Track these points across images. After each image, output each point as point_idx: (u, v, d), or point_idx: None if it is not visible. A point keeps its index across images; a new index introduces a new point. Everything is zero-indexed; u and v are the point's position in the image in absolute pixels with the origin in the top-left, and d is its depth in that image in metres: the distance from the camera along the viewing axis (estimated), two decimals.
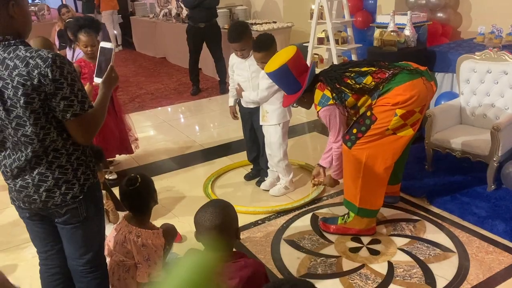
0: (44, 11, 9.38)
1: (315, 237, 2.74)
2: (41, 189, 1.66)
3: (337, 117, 2.57)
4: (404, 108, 2.40)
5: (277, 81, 2.69)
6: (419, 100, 2.42)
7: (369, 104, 2.51)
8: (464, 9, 5.04)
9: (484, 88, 3.30)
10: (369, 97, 2.50)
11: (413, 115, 2.44)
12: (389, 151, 2.51)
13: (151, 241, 2.07)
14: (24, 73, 1.48)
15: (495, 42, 3.89)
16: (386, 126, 2.44)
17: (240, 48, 3.01)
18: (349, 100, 2.52)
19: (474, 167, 3.27)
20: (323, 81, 2.58)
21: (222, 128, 4.76)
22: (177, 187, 3.49)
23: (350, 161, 2.58)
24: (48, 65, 1.49)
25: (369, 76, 2.49)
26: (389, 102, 2.42)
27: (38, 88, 1.49)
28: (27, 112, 1.52)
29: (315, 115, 4.43)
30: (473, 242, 2.61)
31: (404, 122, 2.44)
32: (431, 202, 3.02)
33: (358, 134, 2.52)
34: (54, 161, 1.64)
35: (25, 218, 1.81)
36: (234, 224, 1.64)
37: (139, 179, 2.09)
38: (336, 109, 2.54)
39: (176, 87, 6.59)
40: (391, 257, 2.53)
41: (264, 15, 7.30)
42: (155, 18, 8.66)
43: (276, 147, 3.13)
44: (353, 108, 2.56)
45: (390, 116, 2.42)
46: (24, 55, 1.51)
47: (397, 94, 2.42)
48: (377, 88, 2.46)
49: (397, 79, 2.45)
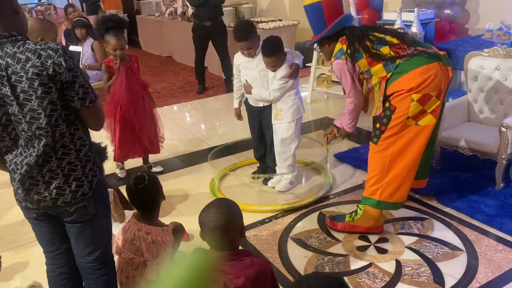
0: (50, 10, 9.43)
1: (322, 236, 2.74)
2: (52, 186, 1.67)
3: (346, 73, 2.56)
4: (420, 92, 2.42)
5: (308, 15, 2.68)
6: (434, 83, 2.43)
7: (384, 76, 2.50)
8: (472, 5, 5.01)
9: (493, 85, 3.27)
10: (383, 68, 2.50)
11: (430, 100, 2.44)
12: (414, 144, 2.51)
13: (161, 238, 2.08)
14: (38, 64, 1.52)
15: (504, 38, 3.85)
16: (406, 113, 2.45)
17: (247, 47, 3.00)
18: (362, 62, 2.53)
19: (482, 165, 3.25)
20: (346, 35, 2.58)
21: (228, 126, 4.76)
22: (184, 185, 3.49)
23: (377, 157, 2.58)
24: (60, 55, 1.54)
25: (388, 46, 2.51)
26: (404, 88, 2.44)
27: (54, 77, 1.53)
28: (45, 103, 1.54)
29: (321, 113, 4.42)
30: (481, 240, 2.59)
31: (423, 108, 2.44)
32: (439, 200, 3.00)
33: (381, 128, 2.54)
34: (63, 157, 1.66)
35: (31, 219, 1.81)
36: (239, 223, 1.63)
37: (146, 177, 2.10)
38: (345, 65, 2.54)
39: (182, 85, 6.60)
40: (399, 255, 2.52)
41: (270, 13, 7.29)
42: (161, 16, 8.67)
43: (289, 142, 3.12)
44: (366, 73, 2.56)
45: (407, 102, 2.44)
46: (34, 47, 1.54)
47: (413, 78, 2.43)
48: (393, 61, 2.47)
49: (415, 61, 2.47)
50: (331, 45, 2.65)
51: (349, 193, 3.19)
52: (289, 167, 3.22)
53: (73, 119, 1.66)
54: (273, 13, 7.22)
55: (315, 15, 2.61)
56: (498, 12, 4.49)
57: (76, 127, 1.68)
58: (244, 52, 3.06)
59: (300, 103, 3.11)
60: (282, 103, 3.05)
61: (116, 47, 3.18)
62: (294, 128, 3.10)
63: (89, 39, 5.03)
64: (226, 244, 1.58)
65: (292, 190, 3.29)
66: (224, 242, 1.57)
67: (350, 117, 2.73)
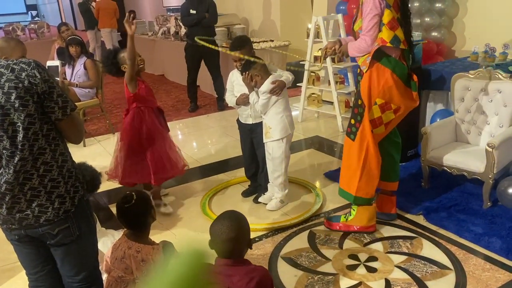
0: (43, 28, 9.49)
1: (313, 255, 2.74)
2: (34, 204, 1.65)
3: (375, 11, 2.55)
4: (383, 98, 2.62)
5: None
6: (398, 97, 2.63)
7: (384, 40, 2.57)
8: (458, 29, 5.14)
9: (479, 106, 3.35)
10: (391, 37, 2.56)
11: (388, 110, 2.66)
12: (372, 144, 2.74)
13: (151, 256, 2.07)
14: (12, 77, 1.52)
15: (489, 61, 3.95)
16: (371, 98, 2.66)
17: (239, 58, 3.07)
18: (387, 12, 2.56)
19: (470, 184, 3.30)
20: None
21: (220, 144, 4.78)
22: (175, 203, 3.49)
23: (352, 153, 2.77)
24: (33, 67, 1.55)
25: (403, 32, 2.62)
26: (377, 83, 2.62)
27: (30, 89, 1.53)
28: (22, 116, 1.53)
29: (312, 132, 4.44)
30: (470, 259, 2.61)
31: (381, 115, 2.67)
32: (427, 219, 3.03)
33: (356, 124, 2.74)
34: (45, 174, 1.64)
35: (13, 241, 1.78)
36: (247, 235, 1.79)
37: (134, 196, 2.10)
38: (382, 4, 2.54)
39: (174, 104, 6.63)
40: (388, 274, 2.53)
41: (261, 34, 7.40)
42: (154, 36, 8.76)
43: (279, 161, 3.15)
44: (381, 24, 2.59)
45: (371, 103, 2.66)
46: (6, 63, 1.55)
47: (387, 76, 2.60)
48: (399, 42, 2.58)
49: (401, 66, 2.63)
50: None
51: (339, 211, 3.22)
52: (280, 185, 3.24)
53: (54, 134, 1.64)
54: (265, 33, 7.33)
55: None
56: (483, 35, 4.62)
57: (57, 142, 1.66)
58: (236, 64, 3.14)
59: (290, 121, 3.13)
60: (271, 120, 3.09)
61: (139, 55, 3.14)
62: (284, 147, 3.13)
63: (82, 57, 5.06)
64: (234, 254, 1.73)
65: (282, 209, 3.30)
66: (232, 253, 1.72)
67: (357, 49, 2.68)
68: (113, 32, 9.71)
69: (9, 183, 1.60)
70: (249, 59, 2.97)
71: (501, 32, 4.54)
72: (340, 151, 4.32)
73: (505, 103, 3.21)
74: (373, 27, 2.59)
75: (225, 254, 1.71)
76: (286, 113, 3.11)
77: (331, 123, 5.25)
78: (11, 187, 1.61)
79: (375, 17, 2.57)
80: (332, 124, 5.22)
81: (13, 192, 1.62)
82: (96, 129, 5.52)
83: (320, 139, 4.81)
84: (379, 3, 2.55)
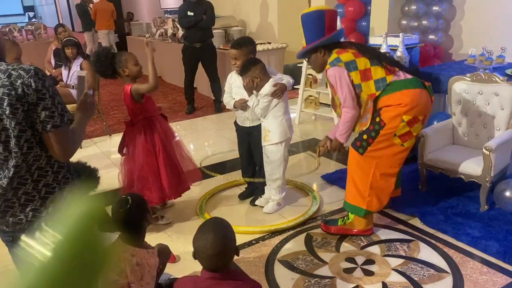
0: (40, 30, 9.46)
1: (309, 258, 2.73)
2: (28, 208, 1.63)
3: (342, 80, 2.62)
4: (410, 114, 2.57)
5: (306, 23, 2.74)
6: (423, 107, 2.62)
7: (372, 94, 2.61)
8: (455, 32, 5.15)
9: (476, 109, 3.35)
10: (374, 86, 2.61)
11: (417, 123, 2.62)
12: (396, 160, 2.70)
13: (146, 261, 2.05)
14: (7, 83, 1.49)
15: (486, 64, 3.96)
16: (394, 131, 2.60)
17: (235, 56, 3.07)
18: (355, 74, 2.60)
19: (467, 187, 3.29)
20: (344, 47, 2.69)
21: (217, 147, 4.76)
22: (171, 206, 3.47)
23: (361, 168, 2.72)
24: (31, 76, 1.50)
25: (381, 67, 2.63)
26: (393, 104, 2.58)
27: (22, 98, 1.49)
28: (13, 123, 1.51)
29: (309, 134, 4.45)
30: (467, 262, 2.61)
31: (410, 129, 2.60)
32: (424, 222, 3.02)
33: (369, 140, 2.66)
34: (40, 179, 1.62)
35: (8, 242, 1.76)
36: (234, 245, 1.68)
37: (129, 200, 2.08)
38: (344, 72, 2.60)
39: (171, 106, 6.61)
40: (385, 277, 2.52)
41: (259, 36, 7.40)
42: (151, 38, 8.75)
43: (277, 164, 3.14)
44: (357, 86, 2.64)
45: (398, 121, 2.59)
46: (6, 68, 1.52)
47: (403, 96, 2.57)
48: (384, 80, 2.60)
49: (406, 82, 2.62)
50: (325, 55, 2.73)
51: (336, 214, 3.20)
52: (278, 188, 3.23)
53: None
54: (262, 36, 7.33)
55: (316, 23, 2.70)
56: (480, 39, 4.63)
57: None
58: (233, 62, 3.11)
59: (289, 125, 3.13)
60: (270, 124, 3.08)
61: (136, 58, 3.02)
62: (283, 151, 3.12)
63: (78, 59, 5.04)
64: (220, 267, 1.63)
65: (279, 211, 3.29)
66: (219, 265, 1.63)
67: (345, 127, 2.74)
68: (110, 33, 9.70)
69: (2, 188, 1.59)
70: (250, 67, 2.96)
71: (498, 35, 4.55)
72: (337, 153, 4.31)
73: (502, 106, 3.21)
74: (347, 96, 2.65)
75: (212, 268, 1.63)
76: (285, 116, 3.10)
77: (328, 126, 5.24)
78: (4, 192, 1.60)
79: (344, 82, 2.62)
80: (329, 126, 5.20)
81: (6, 196, 1.61)
82: (92, 131, 5.50)
83: (318, 142, 4.78)
84: (340, 72, 2.61)
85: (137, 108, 3.00)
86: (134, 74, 3.01)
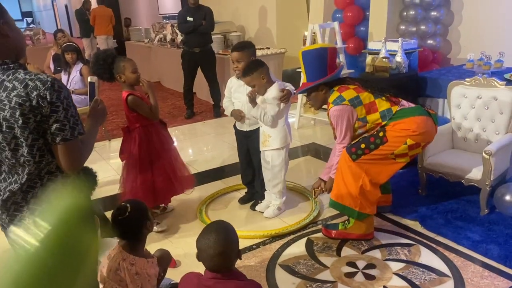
0: (39, 35, 9.49)
1: (310, 262, 2.72)
2: (36, 212, 1.63)
3: (345, 119, 2.67)
4: (415, 139, 2.61)
5: (308, 61, 2.76)
6: (429, 135, 2.68)
7: (378, 123, 2.67)
8: (454, 37, 5.18)
9: (475, 113, 3.36)
10: (380, 117, 2.66)
11: (417, 148, 2.66)
12: (386, 172, 2.73)
13: (145, 270, 2.03)
14: (22, 94, 1.49)
15: (484, 68, 3.98)
16: (393, 150, 2.63)
17: (236, 59, 3.07)
18: (360, 109, 2.65)
19: (467, 191, 3.30)
20: (346, 84, 2.73)
21: (216, 151, 4.76)
22: (171, 211, 3.46)
23: (351, 171, 2.72)
24: (47, 88, 1.50)
25: (385, 100, 2.67)
26: (403, 128, 2.61)
27: (36, 109, 1.50)
28: (26, 132, 1.52)
29: (308, 139, 4.45)
30: (468, 266, 2.61)
31: (408, 151, 2.64)
32: (425, 226, 3.02)
33: (365, 150, 2.67)
34: (49, 184, 1.63)
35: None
36: (236, 247, 1.71)
37: (129, 208, 2.06)
38: (348, 111, 2.65)
39: (170, 110, 6.62)
40: (386, 282, 2.51)
41: (258, 41, 7.42)
42: (150, 43, 8.77)
43: (278, 169, 3.14)
44: (362, 119, 2.69)
45: (400, 142, 2.62)
46: (23, 77, 1.52)
47: (413, 122, 2.61)
48: (390, 110, 2.64)
49: (412, 110, 2.68)
50: (326, 92, 2.76)
51: (337, 219, 3.20)
52: (279, 192, 3.23)
53: None
54: (261, 41, 7.35)
55: (318, 61, 2.73)
56: (478, 43, 4.66)
57: None
58: (234, 65, 3.11)
59: (288, 130, 3.13)
60: (271, 129, 3.08)
61: (135, 66, 2.97)
62: (284, 156, 3.12)
63: (78, 64, 5.04)
64: (223, 267, 1.66)
65: (280, 216, 3.28)
66: (221, 266, 1.66)
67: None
68: (109, 39, 9.71)
69: (12, 192, 1.60)
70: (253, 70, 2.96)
71: (496, 40, 4.58)
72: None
73: (501, 111, 3.22)
74: (347, 134, 2.72)
75: (214, 268, 1.66)
76: (286, 122, 3.11)
77: (327, 130, 5.24)
78: (12, 195, 1.61)
79: (345, 121, 2.67)
80: (328, 131, 5.19)
81: (16, 199, 1.62)
82: None
83: (317, 146, 4.81)
84: (346, 110, 2.65)
85: (133, 116, 3.01)
86: (130, 82, 2.97)
